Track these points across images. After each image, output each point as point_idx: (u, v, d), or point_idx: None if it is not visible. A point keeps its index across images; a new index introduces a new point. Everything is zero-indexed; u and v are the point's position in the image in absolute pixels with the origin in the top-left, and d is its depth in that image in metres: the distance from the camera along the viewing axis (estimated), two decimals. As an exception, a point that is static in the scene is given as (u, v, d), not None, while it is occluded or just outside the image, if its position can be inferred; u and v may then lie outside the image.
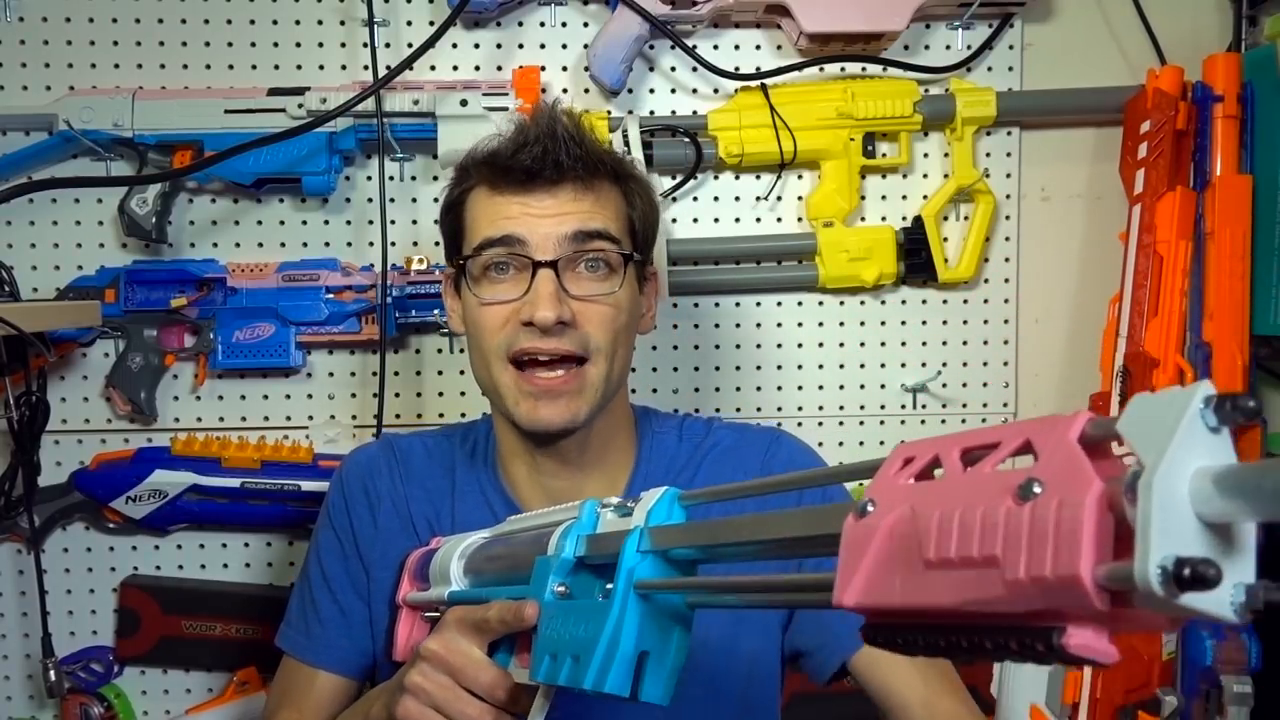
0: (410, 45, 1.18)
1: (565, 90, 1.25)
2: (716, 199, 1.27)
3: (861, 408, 1.30)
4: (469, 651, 0.65)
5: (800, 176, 1.27)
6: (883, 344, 1.29)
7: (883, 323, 1.29)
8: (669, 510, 0.55)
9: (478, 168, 0.88)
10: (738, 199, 1.27)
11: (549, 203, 0.85)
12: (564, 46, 1.25)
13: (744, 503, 0.55)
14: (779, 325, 1.29)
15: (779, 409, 1.30)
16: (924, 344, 1.30)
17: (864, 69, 1.26)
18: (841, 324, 1.29)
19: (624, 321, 0.87)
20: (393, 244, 1.20)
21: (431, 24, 1.23)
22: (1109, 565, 0.30)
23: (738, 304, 1.29)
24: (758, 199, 1.27)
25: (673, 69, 1.26)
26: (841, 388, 1.30)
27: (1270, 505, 0.28)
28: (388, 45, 1.22)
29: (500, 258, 0.85)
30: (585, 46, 1.22)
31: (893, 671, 0.86)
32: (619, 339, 0.87)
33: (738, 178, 1.27)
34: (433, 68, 1.23)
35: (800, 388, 1.30)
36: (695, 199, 1.26)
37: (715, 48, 1.25)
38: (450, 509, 0.94)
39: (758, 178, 1.26)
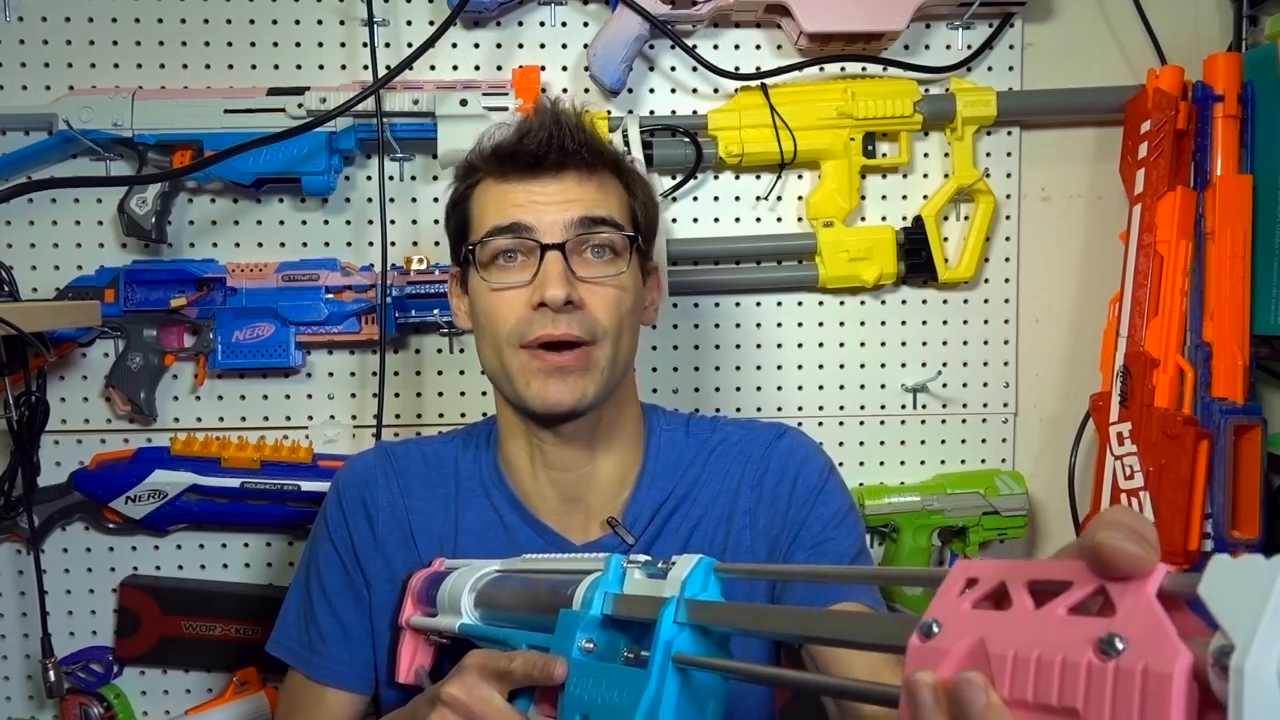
0: (410, 45, 1.18)
1: (565, 90, 1.25)
2: (716, 199, 1.27)
3: (861, 408, 1.30)
4: (490, 698, 0.64)
5: (800, 176, 1.27)
6: (883, 344, 1.29)
7: (883, 323, 1.29)
8: (704, 581, 0.55)
9: (483, 161, 0.89)
10: (738, 199, 1.27)
11: (554, 188, 0.86)
12: (564, 46, 1.25)
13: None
14: (779, 325, 1.29)
15: (779, 409, 1.29)
16: (924, 344, 1.30)
17: (864, 69, 1.26)
18: (841, 324, 1.29)
19: (629, 305, 0.88)
20: (392, 244, 1.20)
21: (431, 24, 1.23)
22: None
23: (738, 304, 1.29)
24: (758, 199, 1.27)
25: (673, 69, 1.26)
26: (841, 388, 1.30)
27: None
28: (388, 45, 1.22)
29: (508, 246, 0.86)
30: (585, 46, 1.22)
31: (850, 666, 0.82)
32: (624, 322, 0.87)
33: (738, 178, 1.27)
34: (432, 67, 1.23)
35: (800, 388, 1.30)
36: (695, 199, 1.26)
37: (715, 47, 1.25)
38: (455, 516, 0.93)
39: (758, 178, 1.26)
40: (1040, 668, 0.33)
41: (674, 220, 1.26)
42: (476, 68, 1.24)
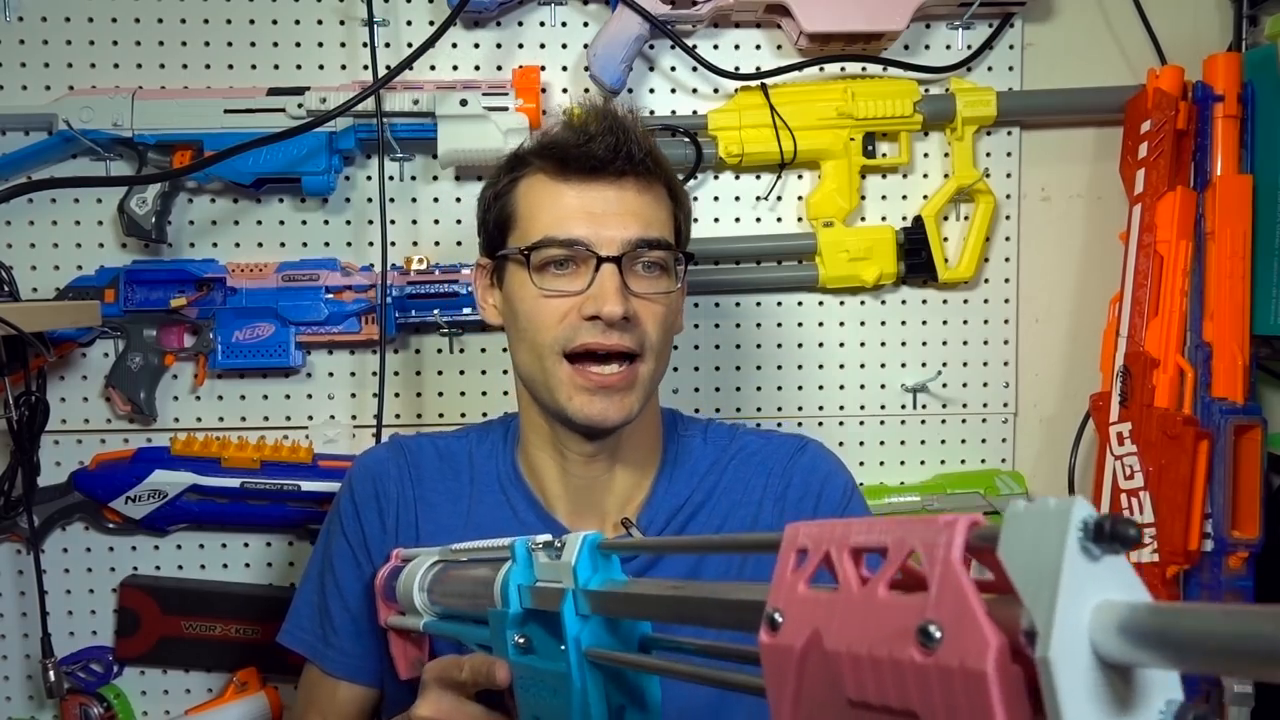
0: (410, 45, 1.18)
1: (565, 90, 1.25)
2: (716, 199, 1.27)
3: (861, 408, 1.30)
4: (461, 706, 0.64)
5: (800, 176, 1.27)
6: (883, 344, 1.29)
7: (883, 323, 1.29)
8: (593, 562, 0.53)
9: (537, 155, 0.87)
10: (738, 199, 1.27)
11: (611, 196, 0.84)
12: (564, 46, 1.25)
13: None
14: (779, 325, 1.29)
15: (779, 409, 1.29)
16: (924, 344, 1.30)
17: (864, 69, 1.26)
18: (841, 324, 1.29)
19: (672, 321, 0.88)
20: (392, 244, 1.20)
21: (431, 24, 1.23)
22: None
23: (738, 304, 1.29)
24: (758, 199, 1.27)
25: (673, 69, 1.26)
26: (841, 388, 1.30)
27: (1179, 657, 0.26)
28: (387, 45, 1.22)
29: (562, 256, 0.84)
30: (585, 46, 1.22)
31: None
32: (666, 338, 0.87)
33: (738, 178, 1.27)
34: (432, 67, 1.23)
35: (800, 388, 1.30)
36: (695, 199, 1.26)
37: (715, 48, 1.25)
38: (467, 510, 0.93)
39: (758, 178, 1.26)
40: (873, 667, 0.31)
41: (674, 220, 1.26)
42: (476, 68, 1.24)
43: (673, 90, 1.26)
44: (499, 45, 1.24)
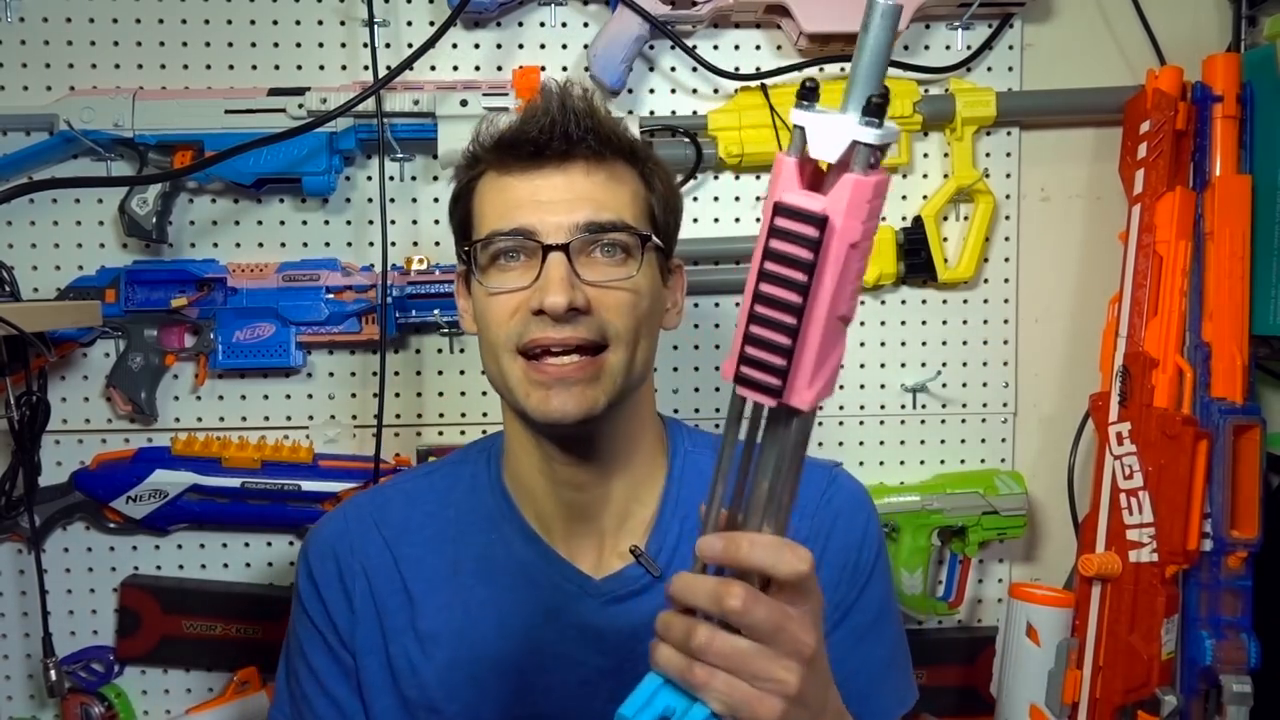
0: (410, 45, 1.19)
1: (565, 90, 1.25)
2: (716, 199, 1.27)
3: (861, 408, 1.30)
4: None
5: (800, 176, 1.27)
6: (883, 344, 1.30)
7: (883, 323, 1.29)
8: None
9: (485, 151, 0.83)
10: (738, 199, 1.27)
11: (559, 182, 0.79)
12: (564, 46, 1.25)
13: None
14: (779, 325, 1.29)
15: (779, 409, 1.29)
16: (924, 344, 1.30)
17: (864, 69, 1.26)
18: (841, 324, 1.29)
19: (645, 309, 0.80)
20: (393, 244, 1.20)
21: (431, 24, 1.23)
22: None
23: (737, 304, 1.28)
24: (757, 199, 1.27)
25: (673, 69, 1.26)
26: (842, 388, 1.30)
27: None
28: (388, 45, 1.22)
29: (509, 247, 0.79)
30: (585, 46, 1.22)
31: None
32: (641, 327, 0.80)
33: (738, 178, 1.27)
34: (433, 68, 1.24)
35: (800, 388, 1.30)
36: (695, 199, 1.26)
37: (715, 48, 1.25)
38: (453, 553, 0.86)
39: (758, 178, 1.26)
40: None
41: (674, 220, 1.27)
42: (477, 68, 1.24)
43: (673, 91, 1.26)
44: (499, 45, 1.25)
